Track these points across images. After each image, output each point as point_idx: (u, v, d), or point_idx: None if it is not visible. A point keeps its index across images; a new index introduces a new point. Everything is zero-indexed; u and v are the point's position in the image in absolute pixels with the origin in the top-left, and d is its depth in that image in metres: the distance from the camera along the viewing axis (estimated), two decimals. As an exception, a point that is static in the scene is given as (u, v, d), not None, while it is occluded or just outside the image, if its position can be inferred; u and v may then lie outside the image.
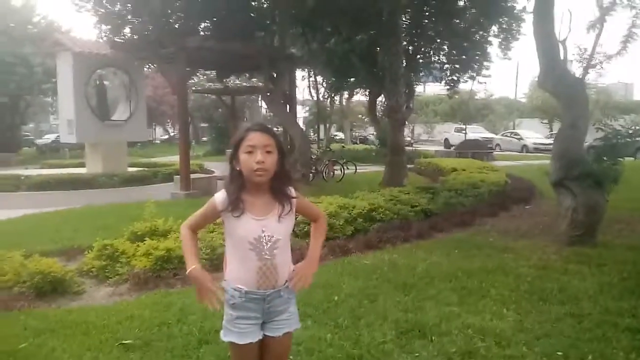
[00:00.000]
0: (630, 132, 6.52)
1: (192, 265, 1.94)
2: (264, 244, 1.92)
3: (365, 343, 3.35)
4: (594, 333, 3.46)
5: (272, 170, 1.91)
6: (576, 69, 14.77)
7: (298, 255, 5.37)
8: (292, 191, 2.01)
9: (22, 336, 3.50)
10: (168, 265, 4.88)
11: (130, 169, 14.81)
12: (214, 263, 5.14)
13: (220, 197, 1.94)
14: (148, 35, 11.08)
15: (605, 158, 6.14)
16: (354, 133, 42.10)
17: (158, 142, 42.00)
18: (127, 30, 12.03)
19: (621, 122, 7.45)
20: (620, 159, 6.28)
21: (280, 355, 2.07)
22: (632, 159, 19.11)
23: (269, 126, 2.00)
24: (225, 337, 2.00)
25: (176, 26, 11.85)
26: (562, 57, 6.87)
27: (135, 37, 11.68)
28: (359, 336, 3.46)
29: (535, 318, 3.76)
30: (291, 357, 3.16)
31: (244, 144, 1.89)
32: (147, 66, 16.39)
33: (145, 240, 5.26)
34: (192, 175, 11.56)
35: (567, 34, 6.98)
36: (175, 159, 14.38)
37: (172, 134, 42.18)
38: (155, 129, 43.53)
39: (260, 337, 2.00)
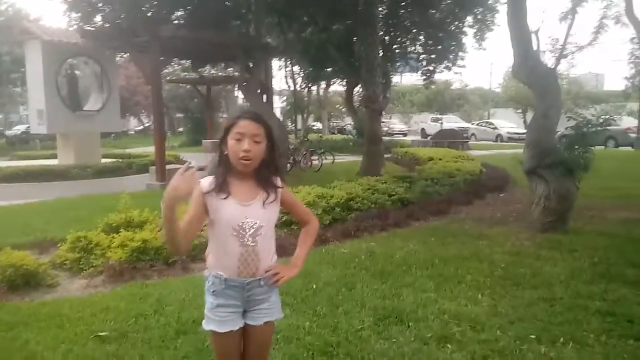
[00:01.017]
0: (600, 121, 6.67)
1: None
2: (247, 229, 1.90)
3: (343, 330, 3.38)
4: (565, 316, 3.55)
5: (257, 161, 1.91)
6: (549, 60, 15.06)
7: (275, 245, 5.36)
8: (278, 181, 2.00)
9: (-7, 330, 3.42)
10: (144, 257, 4.82)
11: (104, 160, 14.56)
12: (192, 253, 5.10)
13: (205, 180, 1.92)
14: (120, 24, 10.81)
15: (576, 146, 6.27)
16: (331, 123, 42.12)
17: (132, 132, 41.26)
18: (98, 18, 11.70)
19: (592, 112, 7.60)
20: (591, 148, 6.42)
21: (262, 344, 2.06)
22: (602, 147, 19.66)
23: (261, 115, 1.98)
24: (206, 325, 1.98)
25: (149, 14, 11.58)
26: (535, 47, 6.98)
27: (106, 26, 11.38)
28: (337, 323, 3.49)
29: (509, 303, 3.85)
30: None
31: (234, 130, 1.89)
32: (120, 55, 16.07)
33: (120, 231, 5.18)
34: (168, 166, 11.40)
35: (540, 24, 7.10)
36: (150, 149, 14.17)
37: (146, 125, 41.48)
38: (129, 119, 42.74)
39: (241, 326, 1.98)
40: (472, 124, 33.64)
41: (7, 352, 3.11)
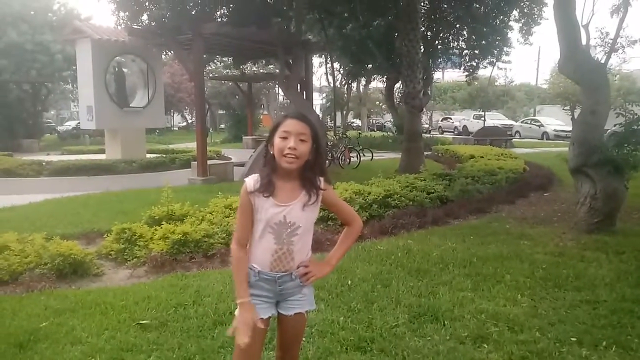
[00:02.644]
0: (653, 118, 6.35)
1: (243, 299, 1.96)
2: (285, 229, 1.95)
3: (377, 326, 3.37)
4: (609, 320, 3.43)
5: (302, 159, 1.92)
6: (598, 54, 14.45)
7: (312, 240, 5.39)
8: (322, 182, 2.01)
9: (42, 316, 3.60)
10: (184, 249, 4.95)
11: (149, 156, 15.02)
12: (230, 247, 5.21)
13: (250, 179, 1.96)
14: (165, 22, 11.12)
15: (625, 144, 6.01)
16: (371, 120, 41.90)
17: (176, 129, 42.40)
18: (145, 17, 12.09)
19: (644, 108, 7.24)
20: (641, 146, 6.14)
21: (293, 335, 2.11)
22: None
23: (308, 117, 2.01)
24: (236, 311, 2.03)
25: (193, 12, 11.87)
26: (583, 41, 6.72)
27: (152, 24, 11.73)
28: (371, 319, 3.49)
29: (549, 304, 3.74)
30: (304, 339, 3.21)
31: (280, 129, 1.92)
32: (165, 53, 16.49)
33: (162, 224, 5.34)
34: (209, 162, 11.66)
35: (590, 17, 6.82)
36: (192, 145, 14.51)
37: (189, 121, 42.52)
38: (173, 115, 43.91)
39: (270, 315, 2.04)
40: (519, 121, 32.69)
41: (54, 337, 3.27)
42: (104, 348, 3.11)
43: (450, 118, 37.89)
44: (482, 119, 28.22)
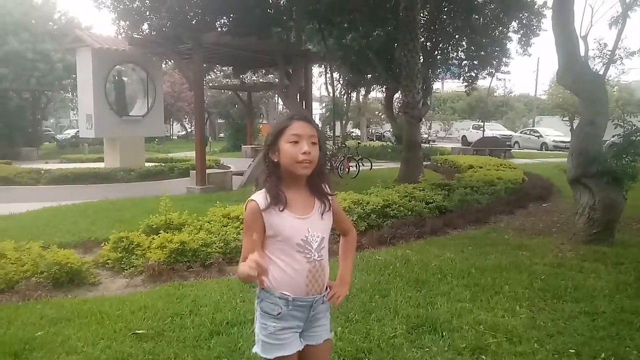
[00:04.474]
0: (651, 129, 6.36)
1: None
2: (312, 244, 1.76)
3: (375, 337, 3.35)
4: (607, 331, 3.41)
5: (315, 164, 1.74)
6: (597, 65, 14.52)
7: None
8: (328, 188, 1.85)
9: (38, 325, 3.58)
10: (182, 258, 4.94)
11: (148, 164, 15.02)
12: (228, 256, 5.20)
13: (258, 196, 1.74)
14: (166, 32, 11.18)
15: (624, 155, 6.01)
16: (370, 130, 41.98)
17: (175, 137, 42.44)
18: (145, 26, 12.16)
19: (642, 119, 7.26)
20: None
21: None
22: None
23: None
24: (268, 353, 1.75)
25: (193, 22, 11.94)
26: (582, 53, 6.75)
27: (153, 33, 11.80)
28: (369, 330, 3.46)
29: (548, 315, 3.72)
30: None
31: (288, 132, 1.72)
32: (165, 62, 16.56)
33: (160, 233, 5.33)
34: (208, 171, 11.65)
35: (588, 29, 6.86)
36: (191, 154, 14.53)
37: (189, 130, 42.57)
38: (172, 124, 43.97)
39: (301, 346, 1.80)
40: (518, 132, 32.75)
41: (50, 347, 3.24)
42: (99, 358, 3.09)
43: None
44: (481, 129, 28.30)
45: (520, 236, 6.41)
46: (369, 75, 19.68)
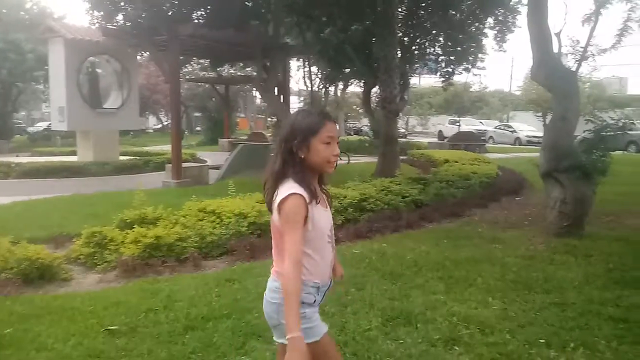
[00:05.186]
0: (620, 125, 6.53)
1: (298, 333, 1.65)
2: (332, 234, 1.93)
3: (350, 330, 3.37)
4: (577, 322, 3.50)
5: None
6: (570, 62, 14.80)
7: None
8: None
9: (7, 321, 3.50)
10: (156, 253, 4.88)
11: (122, 158, 14.78)
12: (203, 251, 5.16)
13: (299, 190, 1.75)
14: (141, 23, 10.97)
15: (594, 150, 6.16)
16: (348, 124, 42.04)
17: (151, 131, 41.78)
18: (120, 17, 11.89)
19: (612, 115, 7.45)
20: (610, 152, 6.30)
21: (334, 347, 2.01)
22: (623, 152, 19.26)
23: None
24: (315, 335, 1.83)
25: (170, 13, 11.73)
26: (555, 49, 6.87)
27: (128, 24, 11.55)
28: (344, 323, 3.48)
29: (519, 307, 3.80)
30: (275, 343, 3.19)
31: (323, 133, 1.79)
32: (140, 54, 16.26)
33: (134, 227, 5.25)
34: (184, 164, 11.53)
35: (562, 26, 6.98)
36: (168, 148, 14.33)
37: (165, 123, 41.96)
38: (148, 117, 43.27)
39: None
40: (492, 127, 33.20)
41: (19, 344, 3.18)
42: (70, 355, 3.03)
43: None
44: (457, 124, 28.63)
45: (493, 229, 6.52)
46: (347, 70, 19.67)
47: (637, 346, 3.13)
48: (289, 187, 1.76)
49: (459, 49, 17.20)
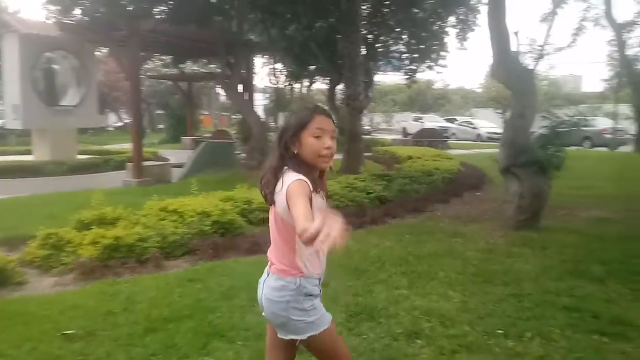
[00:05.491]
0: (574, 121, 6.77)
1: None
2: None
3: (314, 327, 3.37)
4: (533, 312, 3.61)
5: (333, 157, 1.86)
6: (528, 60, 15.25)
7: (251, 242, 5.31)
8: None
9: (-44, 328, 3.35)
10: (116, 254, 4.75)
11: (80, 157, 14.34)
12: (165, 251, 5.07)
13: (304, 179, 1.75)
14: (99, 17, 10.65)
15: (549, 146, 6.36)
16: (314, 121, 42.03)
17: (111, 129, 40.67)
18: (77, 11, 11.51)
19: (567, 112, 7.71)
20: (564, 147, 6.52)
21: None
22: (578, 147, 20.00)
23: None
24: (324, 323, 1.89)
25: (129, 8, 11.43)
26: (514, 48, 7.06)
27: (85, 19, 11.19)
28: (308, 320, 3.48)
29: (479, 299, 3.89)
30: (240, 342, 3.17)
31: (312, 126, 1.80)
32: (99, 50, 15.79)
33: (92, 228, 5.10)
34: (146, 163, 11.29)
35: (520, 26, 7.18)
36: (129, 146, 13.99)
37: (126, 121, 40.92)
38: (108, 115, 42.11)
39: None
40: (454, 124, 33.84)
41: (-31, 350, 3.04)
42: (24, 361, 2.93)
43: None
44: (421, 120, 29.07)
45: (455, 224, 6.65)
46: (312, 67, 19.68)
47: (590, 334, 3.26)
48: (293, 175, 1.76)
49: (422, 46, 17.46)
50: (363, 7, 14.70)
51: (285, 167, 1.83)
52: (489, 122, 32.16)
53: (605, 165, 14.47)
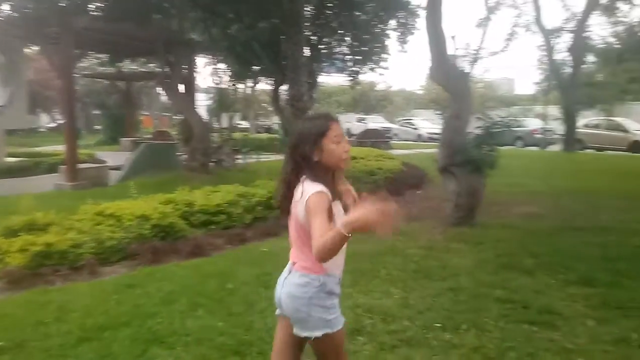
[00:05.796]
0: (507, 122, 7.10)
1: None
2: None
3: (257, 329, 3.36)
4: (469, 305, 3.76)
5: None
6: (464, 64, 15.85)
7: (192, 245, 5.20)
8: None
9: None
10: (47, 262, 4.52)
11: (9, 159, 13.52)
12: (101, 257, 4.88)
13: (323, 188, 1.87)
14: (29, 13, 10.07)
15: (483, 145, 6.64)
16: (258, 122, 41.77)
17: (44, 130, 38.63)
18: (5, 6, 10.84)
19: (500, 113, 8.08)
20: (498, 147, 6.82)
21: None
22: (511, 147, 21.00)
23: None
24: (338, 324, 1.98)
25: (64, 4, 10.88)
26: (451, 52, 7.31)
27: (14, 15, 10.55)
28: (251, 323, 3.47)
29: (419, 294, 4.01)
30: (179, 347, 3.10)
31: (331, 134, 1.93)
32: (29, 47, 14.95)
33: (20, 235, 4.82)
34: (81, 165, 10.80)
35: (458, 30, 7.46)
36: (62, 148, 13.33)
37: (60, 122, 38.97)
38: (40, 116, 39.94)
39: None
40: (396, 124, 34.65)
41: None
42: (-58, 379, 2.73)
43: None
44: (364, 121, 29.53)
45: (396, 222, 6.78)
46: (256, 67, 19.53)
47: (521, 324, 3.44)
48: (313, 186, 1.87)
49: (364, 49, 17.73)
50: (306, 9, 14.75)
51: (303, 176, 1.93)
52: (429, 123, 33.15)
53: (536, 163, 15.29)
